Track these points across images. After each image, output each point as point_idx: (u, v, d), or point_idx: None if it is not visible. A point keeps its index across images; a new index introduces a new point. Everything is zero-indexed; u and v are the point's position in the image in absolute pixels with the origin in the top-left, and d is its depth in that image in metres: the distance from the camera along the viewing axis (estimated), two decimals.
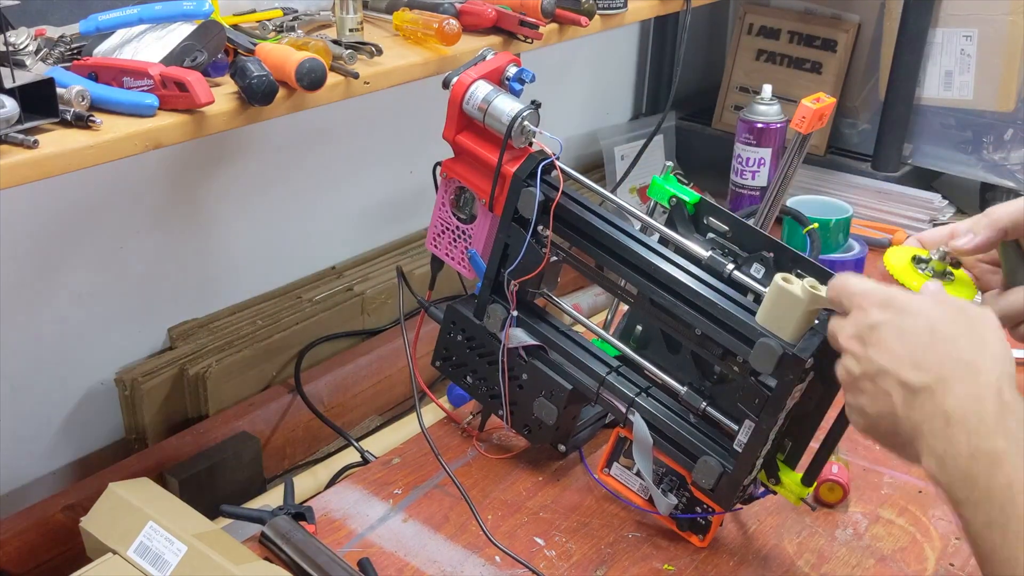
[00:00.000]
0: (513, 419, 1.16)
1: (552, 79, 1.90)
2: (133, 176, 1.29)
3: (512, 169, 1.08)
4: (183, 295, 1.41)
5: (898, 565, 1.07)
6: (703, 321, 1.00)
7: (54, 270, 1.26)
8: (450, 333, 1.19)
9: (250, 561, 0.99)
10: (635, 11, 1.46)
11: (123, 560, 0.99)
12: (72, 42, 1.05)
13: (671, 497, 1.08)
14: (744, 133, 1.68)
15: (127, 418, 1.35)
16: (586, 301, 1.76)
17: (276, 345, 1.45)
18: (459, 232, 1.18)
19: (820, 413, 1.00)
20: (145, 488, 1.08)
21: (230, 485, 1.31)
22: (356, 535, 1.09)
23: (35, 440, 1.30)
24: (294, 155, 1.49)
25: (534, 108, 1.08)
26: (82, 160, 0.90)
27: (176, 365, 1.36)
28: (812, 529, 1.12)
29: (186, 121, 0.97)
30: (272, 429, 1.39)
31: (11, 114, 0.87)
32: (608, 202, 1.13)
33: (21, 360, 1.25)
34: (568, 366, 1.12)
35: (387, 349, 1.52)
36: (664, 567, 1.06)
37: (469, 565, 1.05)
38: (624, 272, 1.05)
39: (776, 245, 1.02)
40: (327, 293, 1.54)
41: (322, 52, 1.08)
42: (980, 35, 1.71)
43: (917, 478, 1.19)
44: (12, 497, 1.27)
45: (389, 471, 1.19)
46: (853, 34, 1.87)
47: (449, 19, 1.19)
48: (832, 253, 1.53)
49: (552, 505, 1.14)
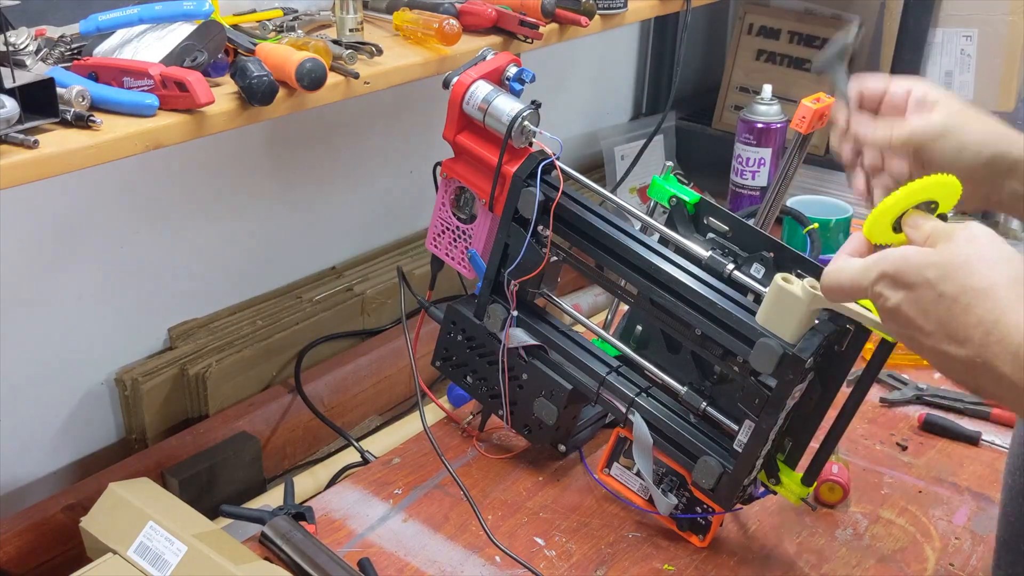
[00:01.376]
0: (513, 419, 1.16)
1: (552, 79, 1.90)
2: (133, 176, 1.29)
3: (512, 169, 1.08)
4: (183, 295, 1.41)
5: (898, 565, 1.07)
6: (703, 321, 1.00)
7: (54, 270, 1.26)
8: (450, 333, 1.19)
9: (250, 561, 0.99)
10: (635, 11, 1.46)
11: (123, 560, 0.99)
12: (72, 42, 1.05)
13: (671, 497, 1.08)
14: (744, 133, 1.68)
15: (127, 418, 1.35)
16: (586, 301, 1.76)
17: (276, 345, 1.45)
18: (459, 232, 1.18)
19: (820, 413, 1.00)
20: (145, 488, 1.08)
21: (230, 485, 1.31)
22: (356, 535, 1.09)
23: (35, 440, 1.30)
24: (294, 155, 1.49)
25: (534, 108, 1.08)
26: (82, 160, 0.90)
27: (176, 365, 1.36)
28: (812, 529, 1.12)
29: (186, 121, 0.97)
30: (272, 429, 1.39)
31: (11, 114, 0.87)
32: (608, 202, 1.13)
33: (21, 360, 1.25)
34: (568, 366, 1.12)
35: (387, 349, 1.52)
36: (664, 567, 1.06)
37: (469, 565, 1.05)
38: (624, 272, 1.05)
39: (776, 245, 1.02)
40: (327, 293, 1.54)
41: (322, 52, 1.08)
42: (980, 35, 1.71)
43: (917, 478, 1.19)
44: (12, 497, 1.27)
45: (389, 471, 1.19)
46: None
47: (449, 19, 1.19)
48: (832, 253, 1.53)
49: (552, 505, 1.14)
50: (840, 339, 0.95)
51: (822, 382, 0.97)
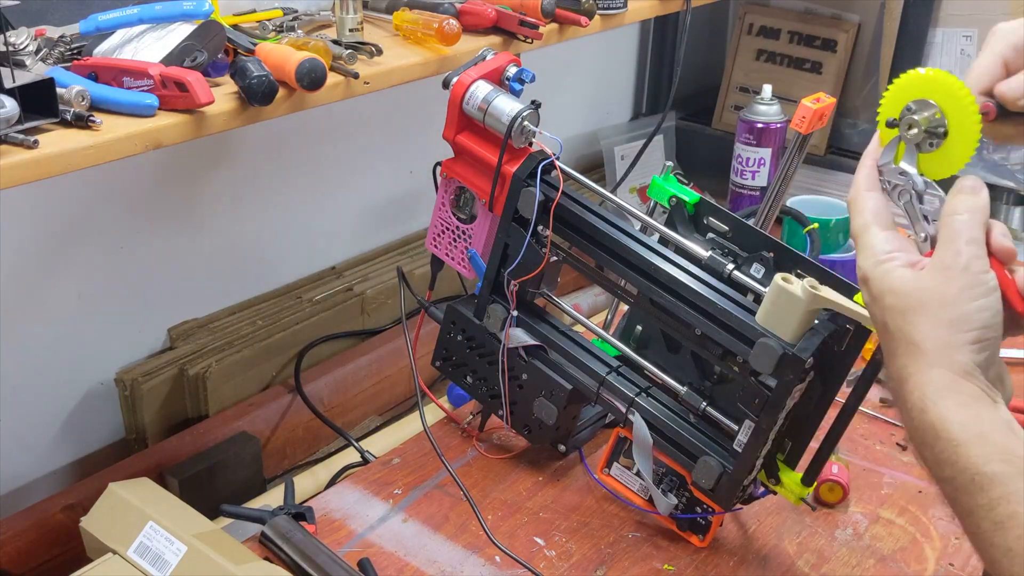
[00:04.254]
0: (513, 419, 1.16)
1: (552, 79, 1.90)
2: (133, 176, 1.29)
3: (512, 169, 1.08)
4: (183, 295, 1.41)
5: (898, 565, 1.07)
6: (703, 321, 1.00)
7: (54, 270, 1.26)
8: (450, 333, 1.19)
9: (250, 561, 0.99)
10: (635, 11, 1.46)
11: (123, 560, 0.99)
12: (72, 42, 1.05)
13: (671, 497, 1.08)
14: (744, 133, 1.68)
15: (127, 418, 1.35)
16: (586, 301, 1.76)
17: (276, 345, 1.45)
18: (459, 232, 1.18)
19: (820, 413, 1.00)
20: (145, 488, 1.08)
21: (230, 485, 1.31)
22: (356, 535, 1.09)
23: (35, 440, 1.30)
24: (294, 155, 1.49)
25: (534, 108, 1.08)
26: (82, 160, 0.90)
27: (176, 365, 1.36)
28: (812, 529, 1.12)
29: (186, 121, 0.97)
30: (272, 429, 1.39)
31: (11, 114, 0.87)
32: (608, 202, 1.13)
33: (21, 360, 1.25)
34: (568, 366, 1.12)
35: (387, 349, 1.52)
36: (664, 567, 1.06)
37: (469, 565, 1.05)
38: (624, 272, 1.05)
39: (776, 245, 1.02)
40: (327, 293, 1.54)
41: (322, 52, 1.08)
42: (980, 35, 1.71)
43: (917, 478, 1.19)
44: (12, 497, 1.27)
45: (389, 471, 1.19)
46: (853, 34, 1.87)
47: (449, 19, 1.19)
48: (832, 253, 1.53)
49: (552, 505, 1.14)
50: (840, 339, 0.95)
51: (822, 382, 0.97)
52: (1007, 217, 1.86)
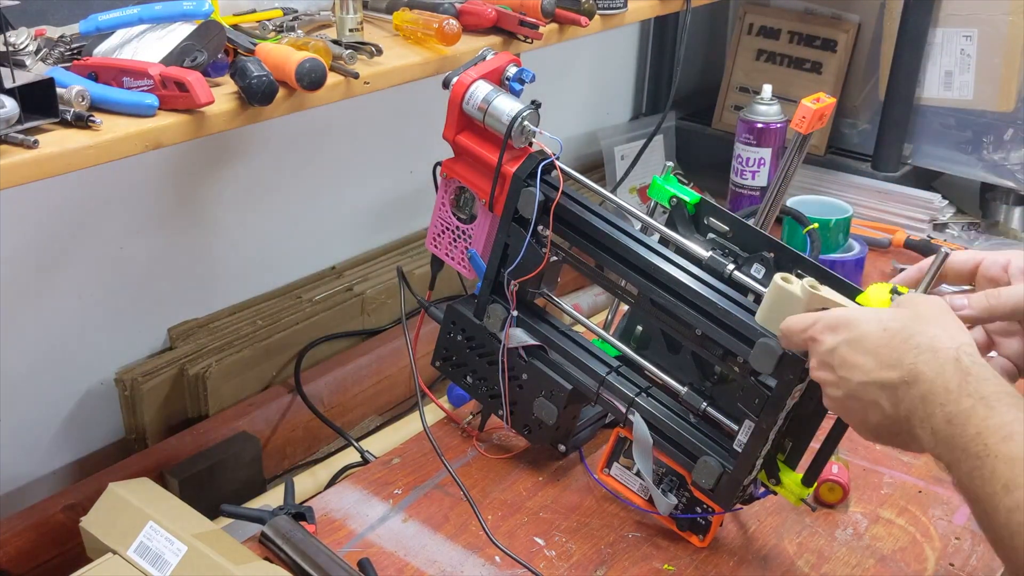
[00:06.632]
0: (513, 419, 1.16)
1: (552, 79, 1.90)
2: (133, 176, 1.29)
3: (512, 169, 1.08)
4: (183, 295, 1.41)
5: (898, 565, 1.07)
6: (703, 321, 1.00)
7: (54, 270, 1.26)
8: (450, 333, 1.19)
9: (250, 561, 0.99)
10: (635, 11, 1.46)
11: (123, 560, 0.99)
12: (72, 42, 1.05)
13: (671, 497, 1.08)
14: (744, 133, 1.68)
15: (127, 418, 1.35)
16: (586, 301, 1.76)
17: (276, 345, 1.44)
18: (459, 232, 1.18)
19: (820, 413, 1.00)
20: (145, 488, 1.08)
21: (230, 485, 1.31)
22: (356, 535, 1.09)
23: (35, 440, 1.30)
24: (294, 155, 1.49)
25: (534, 108, 1.08)
26: (82, 160, 0.90)
27: (176, 365, 1.36)
28: (812, 529, 1.12)
29: (186, 121, 0.97)
30: (272, 429, 1.39)
31: (11, 114, 0.87)
32: (608, 202, 1.13)
33: (21, 360, 1.25)
34: (568, 366, 1.12)
35: (387, 349, 1.52)
36: (664, 567, 1.06)
37: (469, 565, 1.05)
38: (624, 272, 1.05)
39: (776, 245, 1.02)
40: (327, 293, 1.54)
41: (322, 52, 1.08)
42: (980, 35, 1.71)
43: (917, 478, 1.19)
44: (12, 497, 1.27)
45: (389, 471, 1.19)
46: (853, 34, 1.87)
47: (449, 19, 1.19)
48: (832, 253, 1.53)
49: (552, 505, 1.14)
50: None
51: None
52: (1007, 217, 1.86)
